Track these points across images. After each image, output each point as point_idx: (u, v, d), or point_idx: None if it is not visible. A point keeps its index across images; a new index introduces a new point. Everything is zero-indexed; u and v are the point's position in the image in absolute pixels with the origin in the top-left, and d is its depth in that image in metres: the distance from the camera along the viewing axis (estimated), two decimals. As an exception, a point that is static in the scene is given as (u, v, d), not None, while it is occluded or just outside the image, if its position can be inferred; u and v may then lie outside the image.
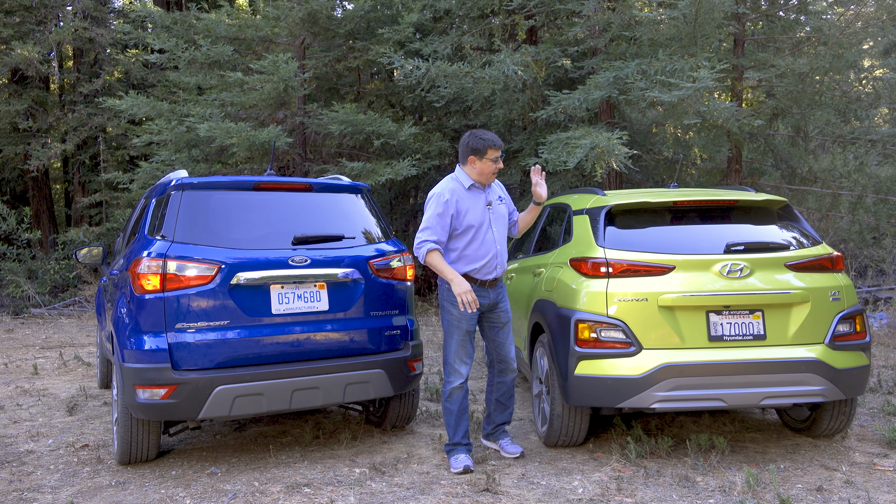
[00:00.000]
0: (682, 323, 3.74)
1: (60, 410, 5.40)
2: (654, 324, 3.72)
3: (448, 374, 3.94)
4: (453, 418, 3.93)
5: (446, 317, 3.92)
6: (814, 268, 3.93)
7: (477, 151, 3.86)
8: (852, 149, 9.86)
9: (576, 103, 7.90)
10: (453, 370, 3.91)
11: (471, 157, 3.88)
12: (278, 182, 4.25)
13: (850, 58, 8.53)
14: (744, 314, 3.76)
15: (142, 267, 3.68)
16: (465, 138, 3.93)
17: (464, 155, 3.93)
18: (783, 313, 3.79)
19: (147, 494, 3.58)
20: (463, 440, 3.94)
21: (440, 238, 3.80)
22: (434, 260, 3.76)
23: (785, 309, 3.79)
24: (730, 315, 3.76)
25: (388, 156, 10.13)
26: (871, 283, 10.21)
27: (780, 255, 3.92)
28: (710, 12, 7.41)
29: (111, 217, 13.03)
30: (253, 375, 3.71)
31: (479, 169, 3.89)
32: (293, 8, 9.73)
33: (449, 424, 3.95)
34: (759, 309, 3.77)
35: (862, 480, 3.62)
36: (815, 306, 3.80)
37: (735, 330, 3.74)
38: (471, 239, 3.84)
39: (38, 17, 13.38)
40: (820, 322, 3.80)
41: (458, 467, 3.82)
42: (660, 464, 3.90)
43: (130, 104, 10.20)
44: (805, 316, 3.78)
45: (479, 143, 3.85)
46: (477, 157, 3.87)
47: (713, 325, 3.74)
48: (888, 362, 6.56)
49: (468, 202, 3.86)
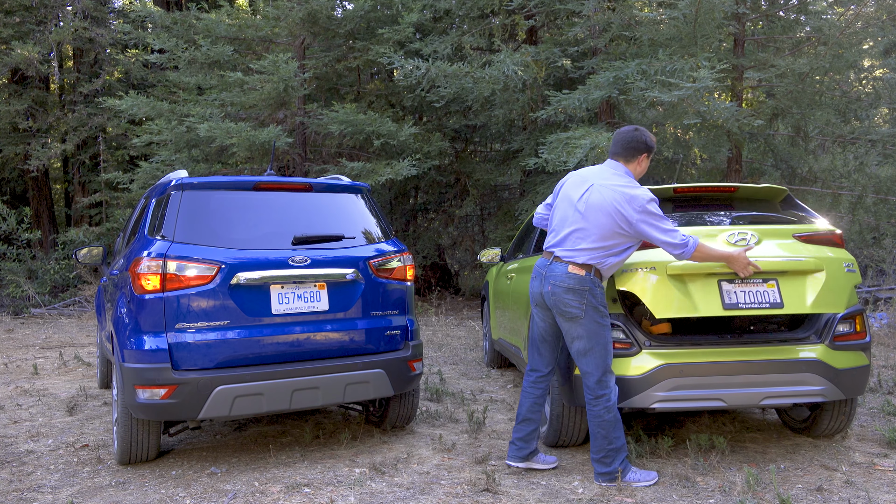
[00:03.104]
0: (693, 292, 3.60)
1: (60, 410, 5.40)
2: (666, 292, 3.59)
3: (610, 382, 3.54)
4: (620, 424, 3.55)
5: (606, 321, 3.54)
6: (822, 241, 3.82)
7: (651, 150, 3.65)
8: (852, 149, 9.87)
9: (576, 103, 7.90)
10: (613, 376, 3.56)
11: (644, 155, 3.63)
12: (278, 182, 4.25)
13: (850, 58, 8.54)
14: (757, 283, 3.64)
15: (142, 267, 3.68)
16: (637, 135, 3.62)
17: (635, 152, 3.62)
18: (798, 281, 3.65)
19: (147, 494, 3.58)
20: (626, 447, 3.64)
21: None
22: (705, 250, 3.44)
23: (799, 277, 3.66)
24: (742, 283, 3.63)
25: (388, 156, 10.13)
26: (871, 283, 10.21)
27: (787, 227, 3.86)
28: (710, 12, 7.41)
29: (111, 217, 13.03)
30: (253, 375, 3.71)
31: (643, 168, 3.66)
32: (293, 8, 9.73)
33: (620, 433, 3.54)
34: (772, 278, 3.65)
35: (862, 480, 3.62)
36: (830, 275, 3.67)
37: (750, 298, 3.60)
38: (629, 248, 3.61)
39: (38, 17, 13.38)
40: (838, 291, 3.66)
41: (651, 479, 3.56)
42: (660, 464, 3.90)
43: (130, 104, 10.21)
44: (822, 284, 3.65)
45: (653, 142, 3.64)
46: (648, 156, 3.65)
47: (726, 294, 3.60)
48: (888, 362, 6.56)
49: None
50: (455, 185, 12.94)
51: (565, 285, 3.51)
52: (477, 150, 13.67)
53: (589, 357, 3.53)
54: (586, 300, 3.49)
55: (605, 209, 3.49)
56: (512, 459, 3.80)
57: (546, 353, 3.81)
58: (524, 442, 3.78)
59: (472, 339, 8.71)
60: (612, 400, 3.53)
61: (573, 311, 3.50)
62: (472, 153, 13.45)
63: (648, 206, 3.46)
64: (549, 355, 3.81)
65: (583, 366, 3.57)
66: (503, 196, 13.21)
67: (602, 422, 3.53)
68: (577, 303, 3.49)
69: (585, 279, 3.50)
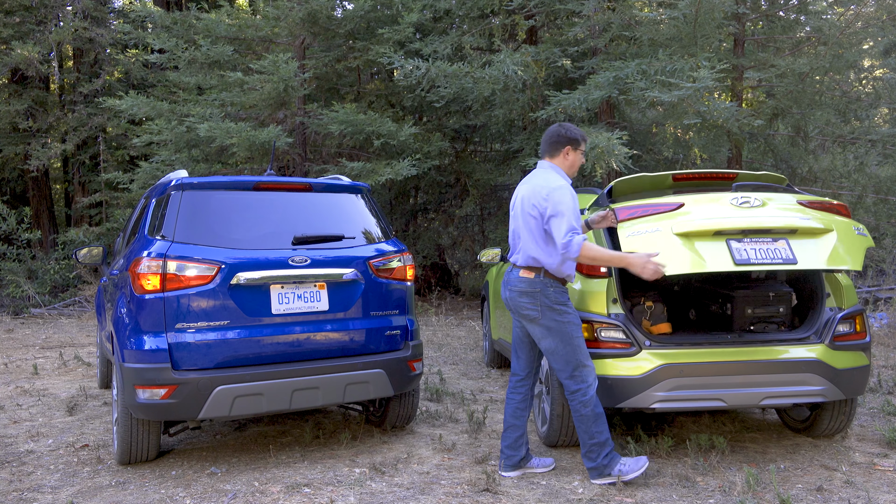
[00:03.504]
0: (702, 250, 3.48)
1: (60, 410, 5.40)
2: (675, 250, 3.45)
3: (585, 377, 3.55)
4: (603, 418, 3.57)
5: (566, 318, 3.56)
6: (828, 209, 3.72)
7: (574, 142, 3.65)
8: (852, 149, 9.87)
9: (576, 103, 7.90)
10: (589, 369, 3.58)
11: (567, 148, 3.66)
12: (278, 182, 4.25)
13: (850, 58, 8.54)
14: (766, 241, 3.52)
15: (142, 267, 3.68)
16: (559, 130, 3.68)
17: (557, 146, 3.67)
18: (808, 240, 3.55)
19: (147, 494, 3.58)
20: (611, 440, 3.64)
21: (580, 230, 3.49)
22: (592, 251, 3.41)
23: (809, 237, 3.56)
24: (751, 242, 3.51)
25: (388, 156, 10.13)
26: (871, 283, 10.21)
27: (790, 194, 3.77)
28: (710, 12, 7.41)
29: (111, 217, 13.02)
30: (253, 375, 3.71)
31: (571, 161, 3.69)
32: (293, 8, 9.73)
33: (603, 427, 3.56)
34: (781, 237, 3.54)
35: (862, 480, 3.62)
36: (841, 235, 3.57)
37: (762, 255, 3.49)
38: None
39: (38, 17, 13.37)
40: (851, 249, 3.55)
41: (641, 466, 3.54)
42: (660, 464, 3.90)
43: (130, 104, 10.20)
44: (834, 243, 3.54)
45: (578, 134, 3.65)
46: (573, 148, 3.66)
47: (736, 251, 3.48)
48: (888, 362, 6.56)
49: None
50: (455, 185, 12.94)
51: (518, 289, 3.62)
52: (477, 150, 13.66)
53: (556, 355, 3.58)
54: (539, 301, 3.56)
55: (527, 210, 3.60)
56: (504, 469, 3.77)
57: (523, 357, 3.83)
58: (511, 450, 3.76)
59: (472, 339, 8.71)
60: (587, 395, 3.55)
61: (530, 314, 3.59)
62: (472, 153, 13.44)
63: (554, 195, 3.48)
64: (525, 359, 3.82)
65: (552, 363, 3.63)
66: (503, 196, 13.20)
67: (580, 416, 3.57)
68: (531, 305, 3.57)
69: (535, 281, 3.57)
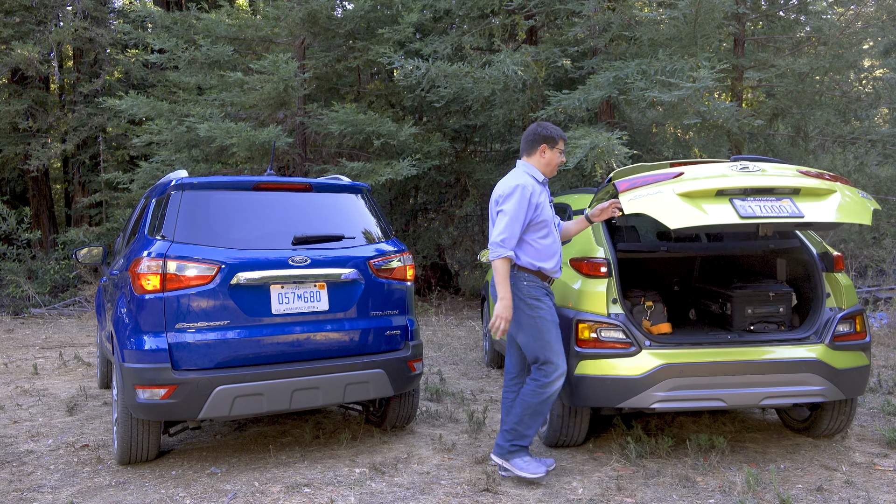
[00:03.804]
0: (706, 207, 3.45)
1: (60, 410, 5.40)
2: (678, 207, 3.42)
3: (548, 374, 3.59)
4: (542, 419, 3.66)
5: (537, 313, 3.60)
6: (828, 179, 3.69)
7: (550, 140, 3.72)
8: (852, 149, 9.86)
9: (576, 103, 7.90)
10: (556, 368, 3.59)
11: (543, 146, 3.72)
12: (278, 182, 4.25)
13: (850, 58, 8.54)
14: (770, 199, 3.50)
15: (142, 267, 3.68)
16: (535, 128, 3.76)
17: (533, 145, 3.75)
18: (812, 199, 3.52)
19: (147, 494, 3.58)
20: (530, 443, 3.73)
21: (515, 241, 3.57)
22: (502, 269, 3.53)
23: (813, 196, 3.54)
24: (755, 200, 3.48)
25: (388, 156, 10.12)
26: (871, 283, 10.21)
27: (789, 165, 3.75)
28: (710, 12, 7.41)
29: (111, 217, 13.02)
30: (253, 375, 3.71)
31: (548, 159, 3.74)
32: (293, 8, 9.73)
33: (535, 423, 3.64)
34: (785, 196, 3.52)
35: (862, 480, 3.62)
36: (845, 196, 3.55)
37: (767, 210, 3.46)
38: (545, 235, 3.67)
39: (38, 17, 13.37)
40: (858, 207, 3.53)
41: (540, 472, 3.61)
42: (660, 464, 3.90)
43: (130, 104, 10.20)
44: (839, 202, 3.52)
45: (553, 132, 3.73)
46: (549, 146, 3.72)
47: (740, 207, 3.45)
48: (888, 362, 6.56)
49: (541, 196, 3.68)
50: (455, 185, 12.94)
51: (493, 283, 3.69)
52: (477, 150, 13.65)
53: (528, 349, 3.66)
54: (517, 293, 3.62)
55: (493, 207, 3.72)
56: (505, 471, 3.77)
57: (514, 355, 3.86)
58: None
59: (472, 339, 8.71)
60: (545, 391, 3.58)
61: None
62: (472, 153, 13.43)
63: (509, 194, 3.58)
64: (516, 356, 3.85)
65: (526, 354, 3.70)
66: (503, 196, 13.15)
67: (524, 403, 3.62)
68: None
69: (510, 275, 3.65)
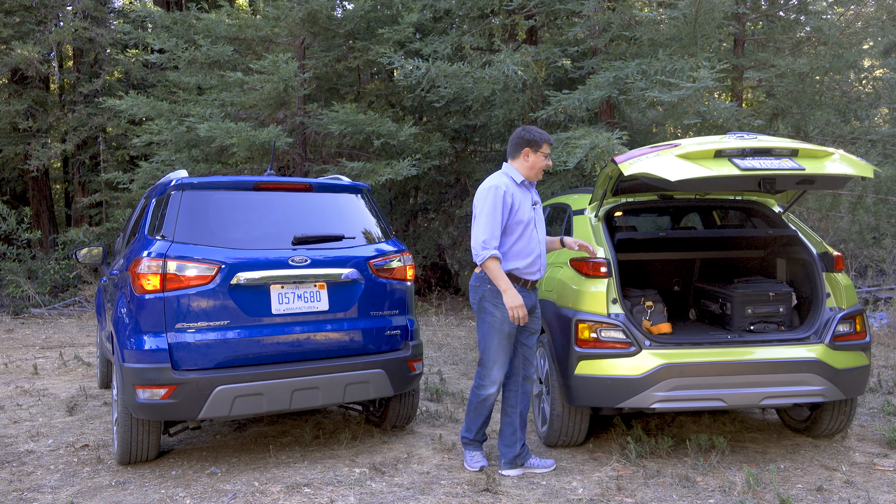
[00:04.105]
0: (705, 163, 3.50)
1: (60, 410, 5.40)
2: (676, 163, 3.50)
3: (482, 377, 3.75)
4: (481, 420, 3.86)
5: (487, 318, 3.72)
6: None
7: (533, 143, 3.78)
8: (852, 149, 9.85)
9: (576, 103, 7.90)
10: (489, 375, 3.73)
11: (526, 150, 3.79)
12: (278, 182, 4.25)
13: (850, 58, 8.54)
14: (770, 158, 3.54)
15: (142, 267, 3.68)
16: (519, 132, 3.84)
17: (516, 148, 3.82)
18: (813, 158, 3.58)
19: (147, 494, 3.58)
20: (481, 437, 3.94)
21: (497, 240, 3.66)
22: (493, 267, 3.62)
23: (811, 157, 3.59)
24: (755, 158, 3.53)
25: (388, 156, 10.12)
26: (871, 283, 10.20)
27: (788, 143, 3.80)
28: (710, 12, 7.41)
29: (111, 217, 13.02)
30: (253, 375, 3.71)
31: (531, 163, 3.80)
32: (293, 8, 9.72)
33: (474, 423, 3.86)
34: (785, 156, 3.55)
35: (862, 480, 3.62)
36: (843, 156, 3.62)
37: (766, 164, 3.51)
38: (519, 236, 3.73)
39: (38, 17, 13.36)
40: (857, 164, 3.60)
41: (475, 467, 3.84)
42: (660, 464, 3.90)
43: (130, 104, 10.19)
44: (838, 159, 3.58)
45: (536, 136, 3.79)
46: (532, 150, 3.78)
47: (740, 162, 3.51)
48: (888, 362, 6.56)
49: (519, 197, 3.75)
50: (455, 185, 12.93)
51: (470, 284, 3.86)
52: (477, 150, 13.64)
53: (479, 345, 3.82)
54: (479, 295, 3.77)
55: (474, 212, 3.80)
56: (504, 468, 3.82)
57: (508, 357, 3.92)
58: (506, 447, 3.87)
59: (472, 339, 8.70)
60: (480, 394, 3.78)
61: (473, 306, 3.84)
62: (472, 153, 13.43)
63: (483, 196, 3.70)
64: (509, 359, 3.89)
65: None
66: (503, 196, 13.15)
67: (469, 404, 3.89)
68: (473, 298, 3.82)
69: (478, 276, 3.80)
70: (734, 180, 3.63)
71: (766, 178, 3.60)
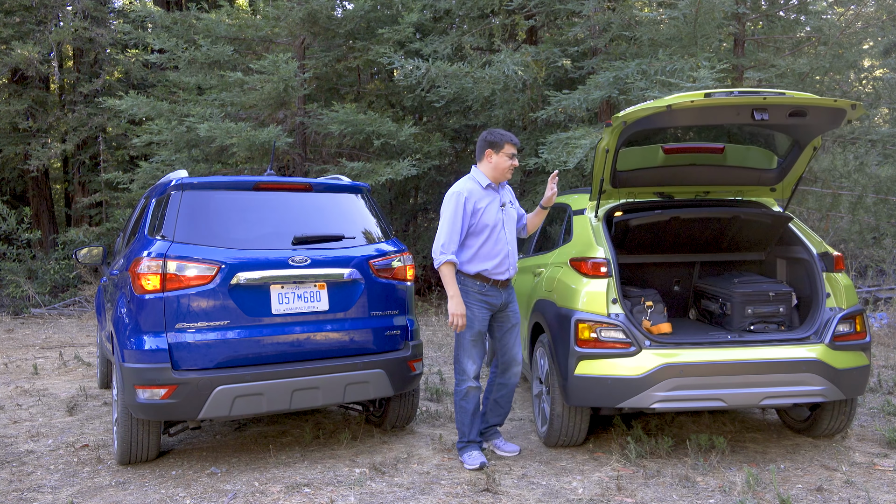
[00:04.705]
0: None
1: (60, 410, 5.40)
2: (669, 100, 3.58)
3: (458, 373, 3.96)
4: (468, 417, 3.97)
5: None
6: None
7: (494, 145, 3.88)
8: (852, 149, 9.86)
9: (576, 103, 7.90)
10: (462, 370, 3.92)
11: (488, 151, 3.90)
12: (278, 182, 4.25)
13: (850, 58, 8.54)
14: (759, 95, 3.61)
15: (142, 267, 3.68)
16: (483, 135, 3.96)
17: (480, 151, 3.94)
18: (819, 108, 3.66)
19: (147, 494, 3.58)
20: (476, 438, 4.00)
21: (456, 245, 3.81)
22: (446, 272, 3.79)
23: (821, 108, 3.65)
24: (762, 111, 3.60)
25: (388, 156, 10.12)
26: (871, 283, 10.20)
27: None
28: (710, 12, 7.41)
29: (111, 217, 13.02)
30: (253, 375, 3.71)
31: (494, 164, 3.89)
32: (293, 8, 9.72)
33: (463, 423, 3.98)
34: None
35: (862, 480, 3.62)
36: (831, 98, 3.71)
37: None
38: (486, 238, 3.85)
39: (38, 17, 13.36)
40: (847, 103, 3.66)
41: (473, 464, 3.86)
42: (660, 464, 3.90)
43: (130, 104, 10.20)
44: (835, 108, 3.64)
45: (497, 137, 3.89)
46: (494, 151, 3.88)
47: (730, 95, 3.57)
48: (888, 362, 6.56)
49: (485, 201, 3.87)
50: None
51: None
52: (477, 151, 13.66)
53: (455, 346, 3.96)
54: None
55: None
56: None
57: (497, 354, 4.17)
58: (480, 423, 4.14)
59: (472, 339, 8.70)
60: (460, 388, 3.93)
61: None
62: (472, 153, 13.44)
63: (447, 201, 3.84)
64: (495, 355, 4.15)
65: None
66: (503, 196, 13.16)
67: (455, 406, 4.03)
68: None
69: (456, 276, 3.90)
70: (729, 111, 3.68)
71: (760, 105, 3.63)
